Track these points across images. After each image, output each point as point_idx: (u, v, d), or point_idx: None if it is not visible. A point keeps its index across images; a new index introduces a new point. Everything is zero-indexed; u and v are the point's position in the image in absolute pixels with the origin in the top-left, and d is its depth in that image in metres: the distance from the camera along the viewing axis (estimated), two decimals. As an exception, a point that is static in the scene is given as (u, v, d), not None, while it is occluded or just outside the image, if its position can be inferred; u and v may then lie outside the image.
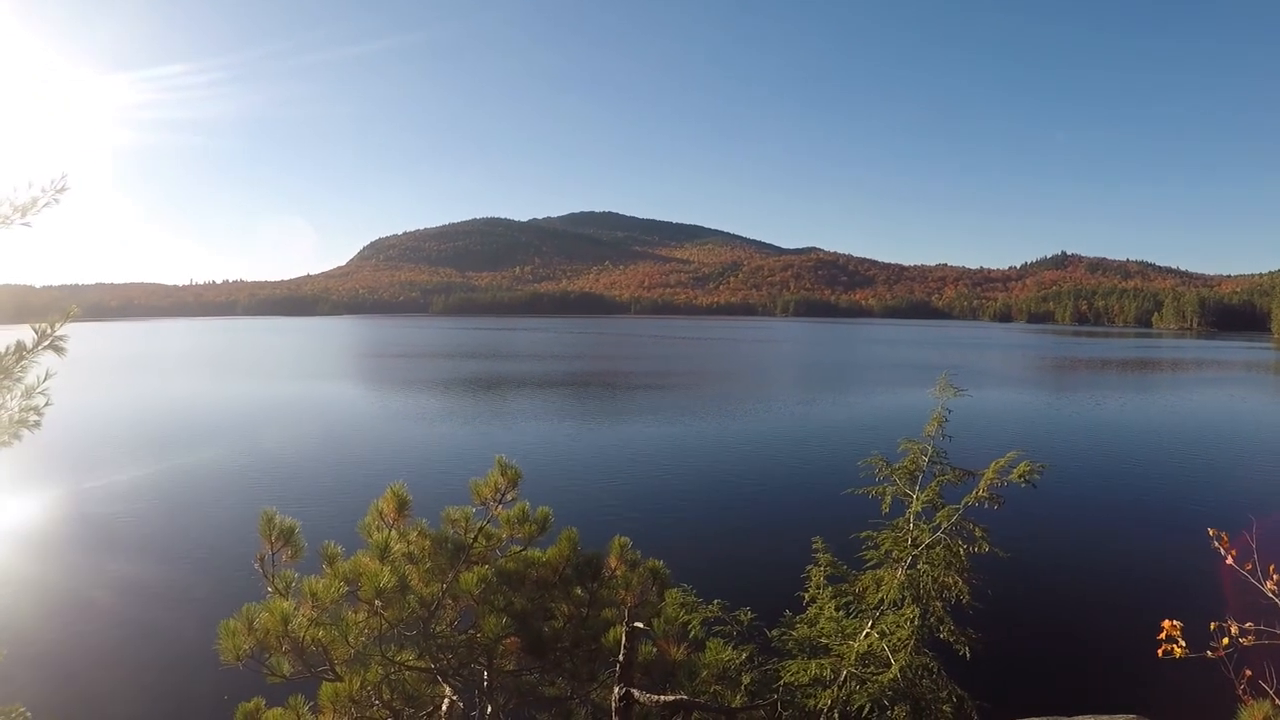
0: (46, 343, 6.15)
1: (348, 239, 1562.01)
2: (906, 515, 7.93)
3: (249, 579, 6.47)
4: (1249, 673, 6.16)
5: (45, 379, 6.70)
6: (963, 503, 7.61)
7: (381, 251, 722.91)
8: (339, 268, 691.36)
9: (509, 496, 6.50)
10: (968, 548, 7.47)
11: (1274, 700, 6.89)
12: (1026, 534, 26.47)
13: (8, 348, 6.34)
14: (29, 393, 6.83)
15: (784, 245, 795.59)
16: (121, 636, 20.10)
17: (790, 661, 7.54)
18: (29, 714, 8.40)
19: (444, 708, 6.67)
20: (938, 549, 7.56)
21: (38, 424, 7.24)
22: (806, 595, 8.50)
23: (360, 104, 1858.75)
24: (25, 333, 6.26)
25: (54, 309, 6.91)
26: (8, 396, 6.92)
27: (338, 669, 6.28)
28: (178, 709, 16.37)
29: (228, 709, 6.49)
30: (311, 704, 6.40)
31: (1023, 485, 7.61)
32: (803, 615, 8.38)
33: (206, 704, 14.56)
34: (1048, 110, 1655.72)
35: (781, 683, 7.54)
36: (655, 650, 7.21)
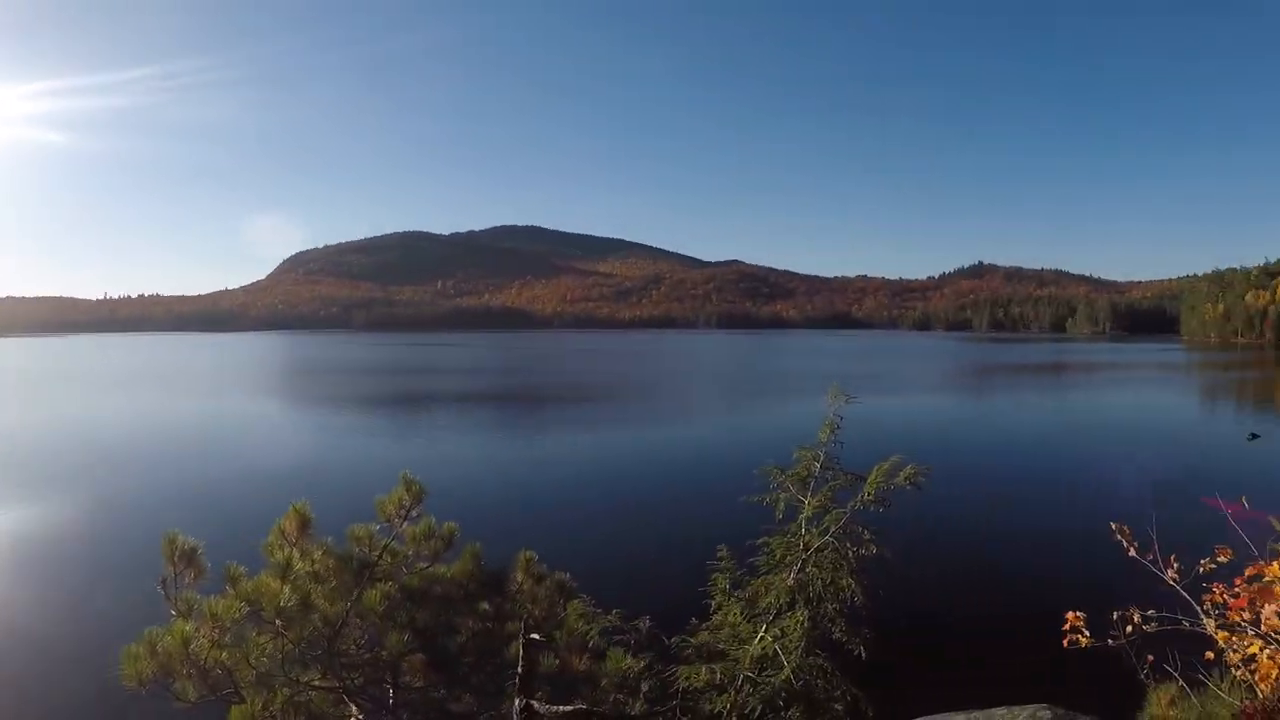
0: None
1: (268, 251, 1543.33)
2: (799, 520, 8.76)
3: (154, 602, 6.92)
4: (1151, 658, 7.03)
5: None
6: (849, 506, 8.48)
7: (302, 265, 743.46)
8: (258, 281, 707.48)
9: (414, 512, 7.09)
10: (856, 550, 8.37)
11: (1180, 683, 7.93)
12: (934, 532, 28.60)
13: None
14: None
15: (706, 258, 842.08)
16: (19, 663, 20.15)
17: (686, 667, 8.28)
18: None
19: (350, 727, 7.21)
20: (826, 552, 8.43)
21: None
22: (714, 603, 9.27)
23: (280, 113, 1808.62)
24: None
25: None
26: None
27: (243, 691, 6.77)
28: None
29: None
30: (220, 729, 6.87)
31: (908, 488, 8.54)
32: (708, 622, 9.14)
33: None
34: (961, 125, 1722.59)
35: (680, 688, 8.27)
36: (558, 662, 7.86)
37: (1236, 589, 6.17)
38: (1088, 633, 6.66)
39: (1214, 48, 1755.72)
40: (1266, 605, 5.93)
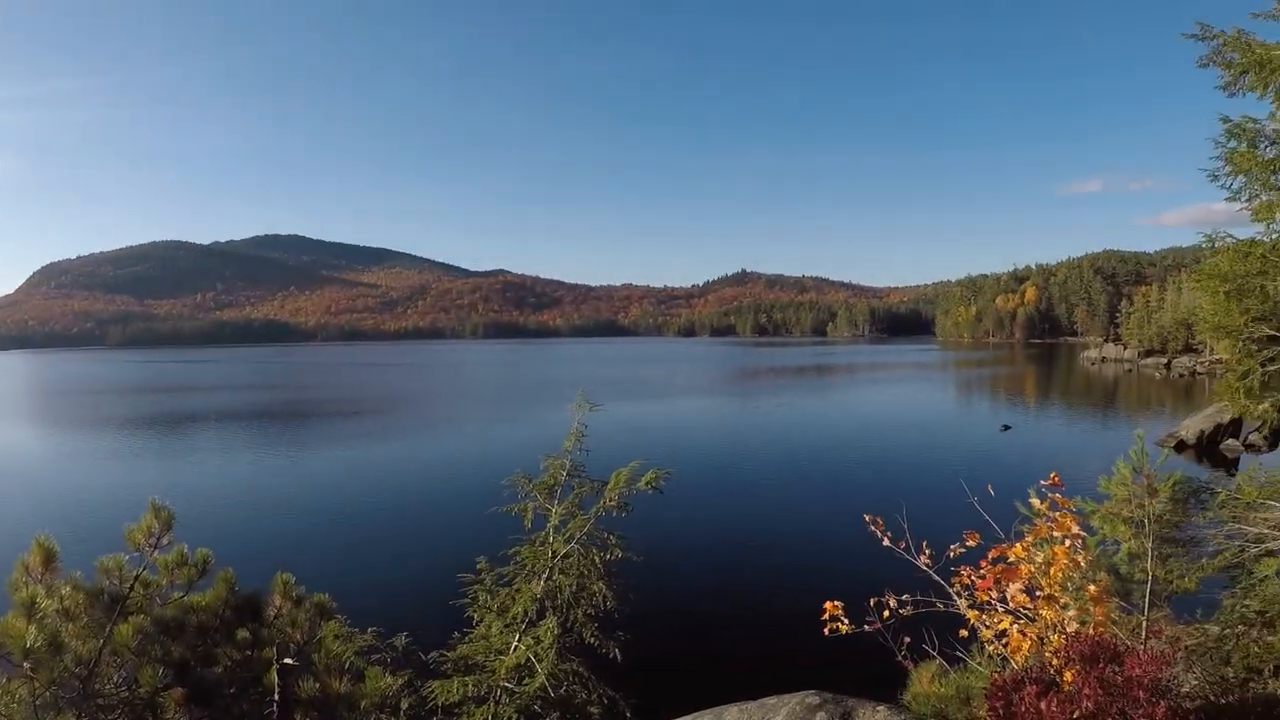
0: None
1: (16, 263, 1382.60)
2: (547, 529, 9.39)
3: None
4: (908, 640, 7.83)
5: None
6: (592, 512, 9.18)
7: (54, 277, 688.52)
8: (6, 296, 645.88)
9: (165, 540, 7.05)
10: (603, 555, 9.08)
11: (939, 661, 8.87)
12: (698, 534, 30.46)
13: None
14: None
15: (472, 268, 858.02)
16: None
17: (439, 682, 8.66)
18: None
19: (107, 768, 7.19)
20: (573, 559, 9.12)
21: None
22: (475, 615, 9.70)
23: (24, 111, 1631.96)
24: None
25: None
26: None
27: (-8, 742, 6.66)
28: None
29: None
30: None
31: (650, 492, 9.32)
32: (470, 634, 9.55)
33: None
34: (722, 135, 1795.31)
35: (440, 703, 8.65)
36: (318, 685, 8.06)
37: (982, 570, 6.88)
38: (847, 620, 7.18)
39: (948, 57, 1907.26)
40: (1010, 584, 6.75)
